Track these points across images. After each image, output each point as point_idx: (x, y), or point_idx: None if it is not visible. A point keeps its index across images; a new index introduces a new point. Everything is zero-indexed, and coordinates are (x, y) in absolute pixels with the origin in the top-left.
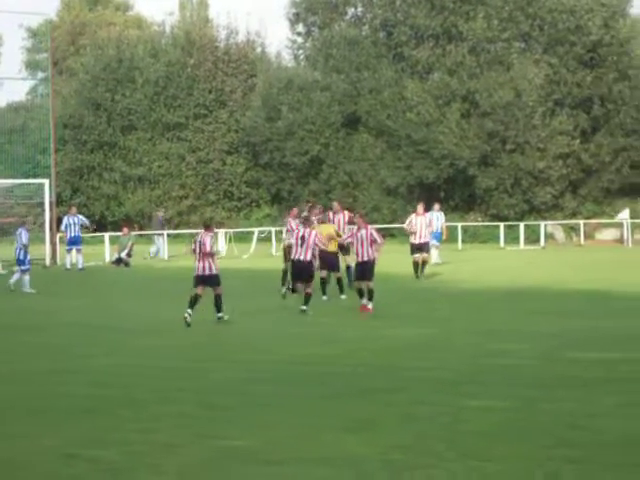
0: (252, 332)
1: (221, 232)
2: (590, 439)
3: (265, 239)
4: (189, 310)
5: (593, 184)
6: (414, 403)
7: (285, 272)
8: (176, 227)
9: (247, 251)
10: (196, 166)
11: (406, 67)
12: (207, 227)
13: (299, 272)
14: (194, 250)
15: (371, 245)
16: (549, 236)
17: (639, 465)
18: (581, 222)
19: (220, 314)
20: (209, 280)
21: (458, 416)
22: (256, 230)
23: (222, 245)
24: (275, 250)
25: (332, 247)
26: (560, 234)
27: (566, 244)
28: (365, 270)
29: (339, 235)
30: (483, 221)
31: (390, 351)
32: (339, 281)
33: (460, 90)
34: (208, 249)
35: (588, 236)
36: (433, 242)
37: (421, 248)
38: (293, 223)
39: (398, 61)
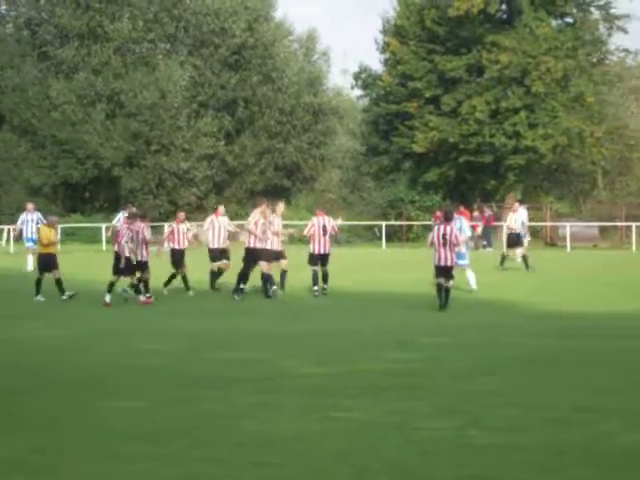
0: None
1: None
2: (228, 439)
3: None
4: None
5: (237, 185)
6: (51, 405)
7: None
8: None
9: None
10: None
11: (51, 66)
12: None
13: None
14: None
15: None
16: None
17: (275, 464)
18: None
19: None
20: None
21: (98, 416)
22: None
23: None
24: None
25: (50, 249)
26: None
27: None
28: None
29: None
30: None
31: (29, 352)
32: (57, 282)
33: (105, 90)
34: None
35: (232, 237)
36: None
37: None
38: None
39: (43, 60)
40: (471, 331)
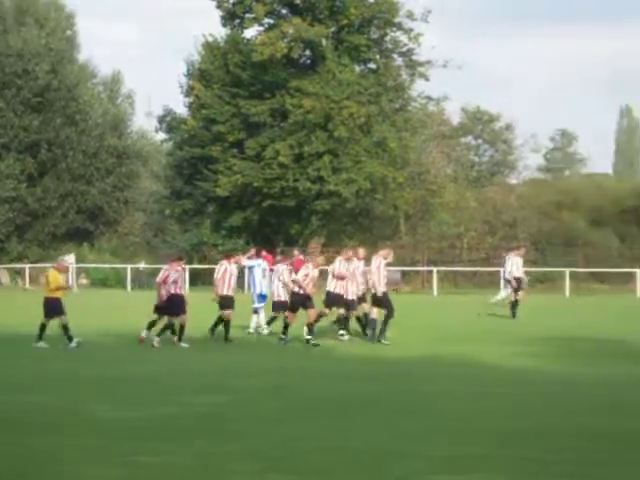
0: None
1: None
2: None
3: None
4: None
5: (39, 228)
6: None
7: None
8: None
9: None
10: None
11: None
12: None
13: None
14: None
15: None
16: None
17: None
18: (27, 266)
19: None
20: None
21: None
22: None
23: None
24: None
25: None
26: (6, 278)
27: (11, 288)
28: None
29: None
30: None
31: None
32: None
33: None
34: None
35: (33, 280)
36: None
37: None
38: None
39: None
40: (283, 374)
